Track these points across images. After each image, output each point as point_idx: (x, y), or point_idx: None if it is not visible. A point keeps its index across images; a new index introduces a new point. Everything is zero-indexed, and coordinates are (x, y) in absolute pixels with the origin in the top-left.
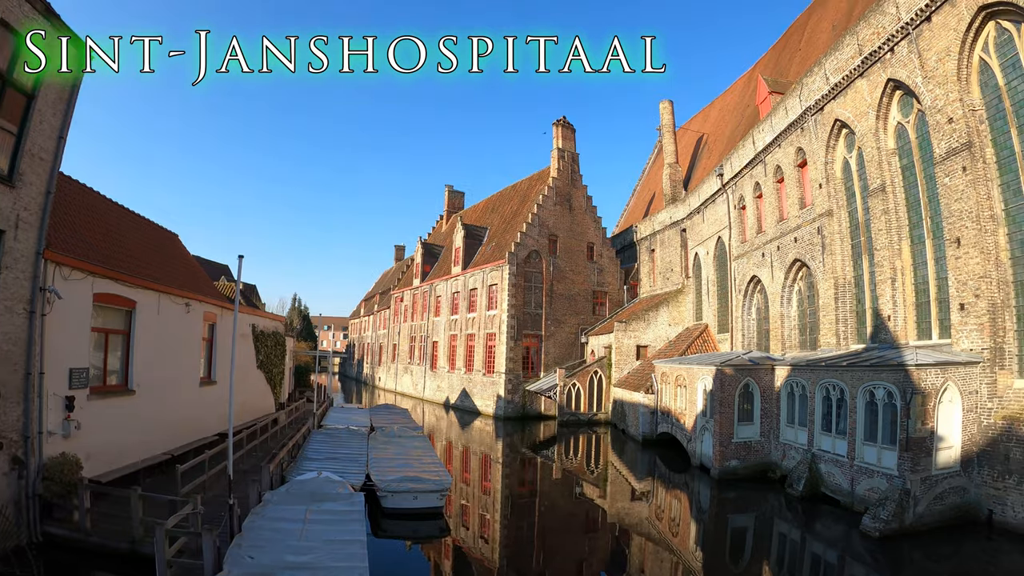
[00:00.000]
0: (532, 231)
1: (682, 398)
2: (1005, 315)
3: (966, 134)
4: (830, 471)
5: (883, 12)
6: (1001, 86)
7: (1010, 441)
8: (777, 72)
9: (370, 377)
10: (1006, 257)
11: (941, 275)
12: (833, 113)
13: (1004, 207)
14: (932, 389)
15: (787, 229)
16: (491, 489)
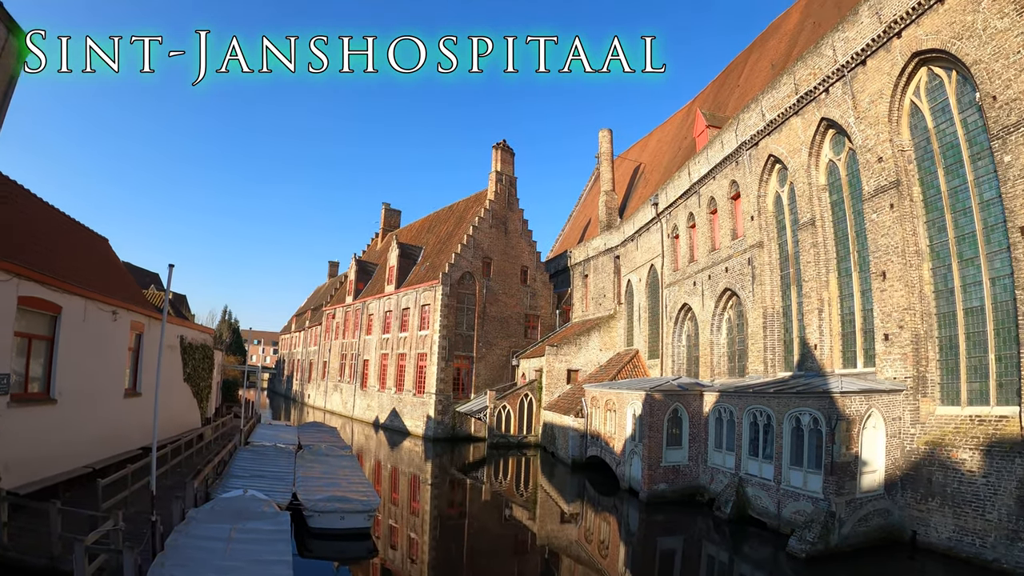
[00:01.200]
0: (467, 253)
1: (612, 422)
2: (928, 345)
3: (895, 173)
4: (757, 494)
5: (820, 54)
6: (930, 129)
7: (932, 465)
8: (716, 106)
9: (299, 394)
10: (930, 290)
11: (867, 306)
12: (768, 148)
13: (929, 243)
14: (856, 415)
15: (719, 259)
16: (420, 510)
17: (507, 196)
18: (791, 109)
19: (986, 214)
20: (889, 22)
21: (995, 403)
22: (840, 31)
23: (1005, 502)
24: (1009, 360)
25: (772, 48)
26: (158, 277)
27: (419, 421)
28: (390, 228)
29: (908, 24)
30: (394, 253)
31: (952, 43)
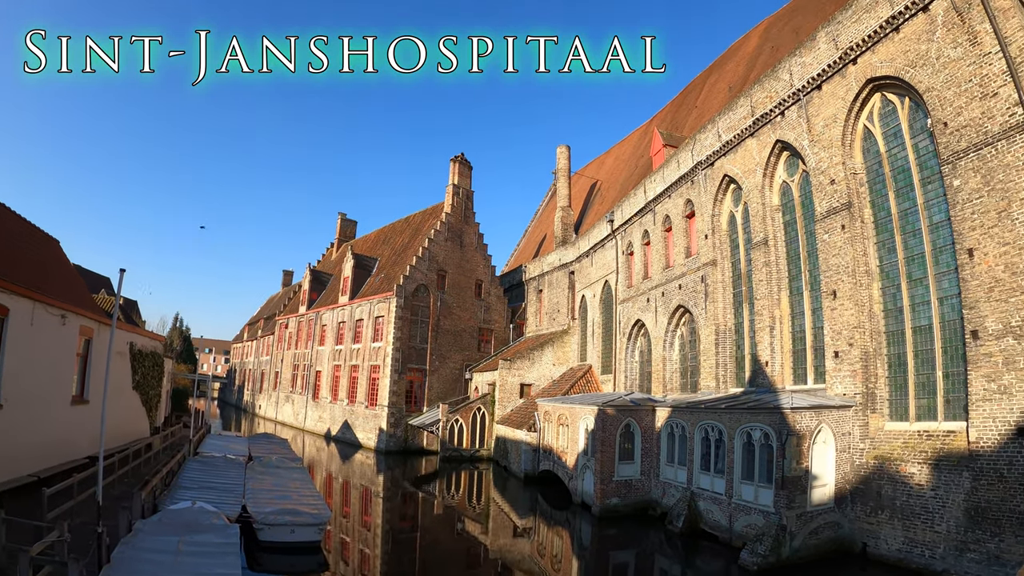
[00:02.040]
0: (422, 265)
1: (564, 436)
2: (877, 363)
3: (847, 195)
4: (709, 508)
5: (777, 78)
6: (882, 153)
7: (882, 479)
8: (673, 126)
9: (250, 404)
10: (879, 309)
11: (817, 324)
12: (723, 169)
13: (879, 263)
14: (807, 431)
15: (672, 276)
16: (371, 523)
17: (463, 209)
18: (747, 131)
19: (935, 236)
20: (845, 48)
21: (943, 418)
22: (797, 56)
23: (954, 514)
24: (956, 377)
25: (730, 71)
26: (109, 281)
27: (371, 434)
28: (346, 238)
29: (864, 51)
30: (349, 264)
31: (906, 71)
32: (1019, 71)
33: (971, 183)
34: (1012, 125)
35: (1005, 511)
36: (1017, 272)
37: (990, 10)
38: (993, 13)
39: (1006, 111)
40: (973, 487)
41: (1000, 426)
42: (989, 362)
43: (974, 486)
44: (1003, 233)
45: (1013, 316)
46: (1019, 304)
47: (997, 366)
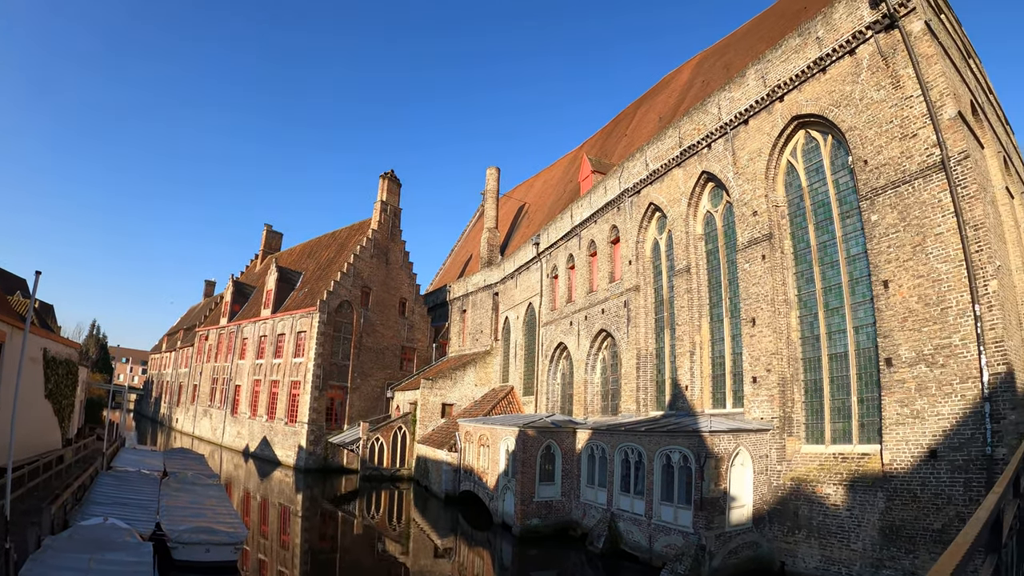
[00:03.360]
0: (346, 281)
1: (485, 457)
2: (794, 388)
3: (768, 226)
4: (629, 529)
5: (706, 111)
6: (804, 187)
7: (799, 500)
8: (602, 153)
9: (167, 418)
10: (796, 337)
11: (737, 350)
12: (649, 197)
13: (797, 293)
14: (725, 453)
15: (596, 300)
16: (290, 543)
17: (391, 226)
18: (674, 161)
19: (852, 268)
20: (773, 86)
21: (858, 441)
22: (727, 91)
23: (869, 533)
24: (871, 402)
25: (661, 102)
26: (26, 283)
27: (290, 451)
28: (271, 250)
29: (791, 89)
30: (273, 276)
31: (831, 110)
32: (938, 114)
33: (888, 218)
34: (929, 165)
35: (919, 529)
36: (930, 303)
37: (914, 56)
38: (917, 59)
39: (924, 151)
40: (888, 507)
41: (913, 449)
42: (902, 388)
43: (888, 506)
44: (917, 266)
45: (926, 345)
46: (931, 334)
47: (910, 392)
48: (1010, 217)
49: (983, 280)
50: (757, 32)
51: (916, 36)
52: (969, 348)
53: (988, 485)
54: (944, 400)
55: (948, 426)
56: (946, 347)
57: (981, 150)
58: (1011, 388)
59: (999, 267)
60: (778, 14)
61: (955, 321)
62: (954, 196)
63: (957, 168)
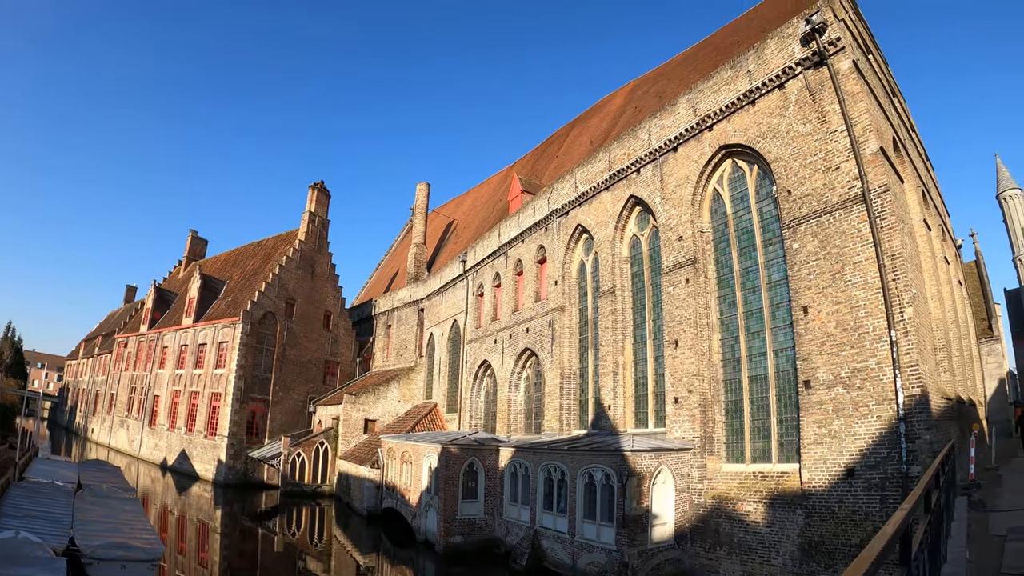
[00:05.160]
0: (271, 292)
1: (408, 474)
2: (715, 408)
3: (693, 251)
4: (552, 547)
5: (637, 137)
6: (729, 214)
7: (719, 517)
8: (533, 173)
9: (83, 427)
10: (718, 359)
11: (659, 371)
12: (577, 218)
13: (719, 316)
14: (647, 472)
15: (521, 319)
16: (208, 561)
17: (318, 238)
18: (603, 184)
19: (773, 293)
20: (704, 115)
21: (777, 460)
22: (658, 118)
23: (789, 548)
24: (789, 422)
25: (594, 125)
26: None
27: (210, 465)
28: (195, 257)
29: (720, 119)
30: (196, 284)
31: (757, 141)
32: (861, 149)
33: (809, 247)
34: (851, 197)
35: (837, 544)
36: (848, 328)
37: (840, 93)
38: (843, 96)
39: (846, 184)
40: (806, 523)
41: (831, 467)
42: (820, 409)
43: (807, 522)
44: (836, 293)
45: (843, 368)
46: (849, 357)
47: (828, 413)
48: (927, 248)
49: (899, 307)
50: (691, 63)
51: (843, 74)
52: (885, 371)
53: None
54: (861, 421)
55: (865, 446)
56: (863, 370)
57: (901, 184)
58: (925, 409)
59: (915, 295)
60: (712, 46)
61: (872, 346)
62: (873, 227)
63: (877, 201)
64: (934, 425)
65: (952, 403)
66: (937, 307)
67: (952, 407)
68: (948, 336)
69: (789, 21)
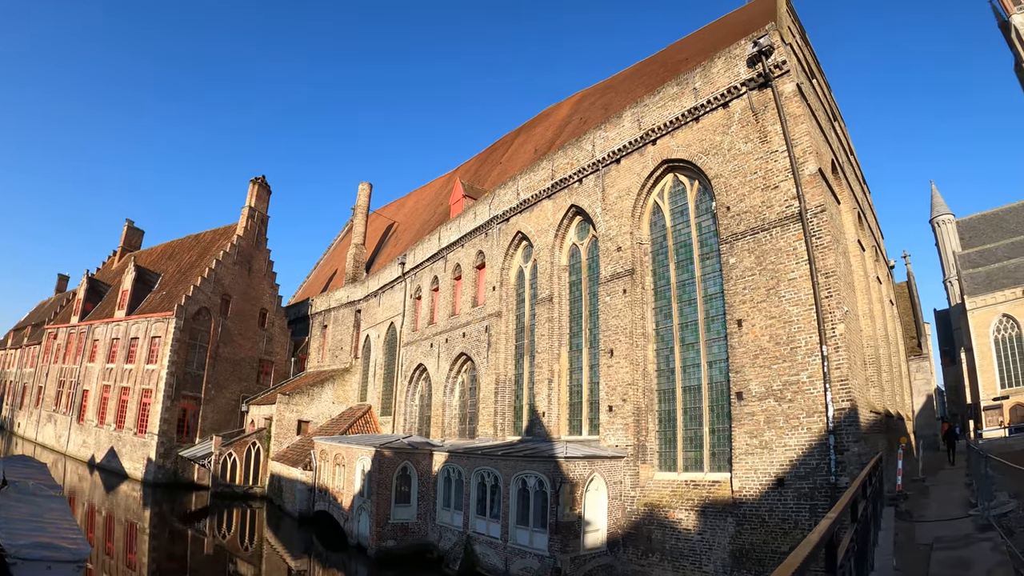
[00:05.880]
0: (206, 287)
1: (340, 477)
2: (648, 418)
3: (631, 262)
4: (485, 552)
5: (581, 147)
6: (668, 227)
7: (651, 524)
8: (476, 179)
9: (8, 422)
10: (652, 369)
11: (594, 380)
12: (517, 225)
13: (655, 327)
14: (580, 479)
15: (457, 324)
16: (136, 563)
17: (257, 234)
18: (545, 192)
19: (709, 306)
20: (648, 129)
21: (709, 469)
22: (602, 129)
23: (720, 555)
24: (721, 433)
25: (539, 134)
26: None
27: (139, 463)
28: (130, 248)
29: (664, 134)
30: (130, 276)
31: (700, 157)
32: (800, 170)
33: (745, 262)
34: (788, 215)
35: (767, 552)
36: (780, 343)
37: (783, 114)
38: (785, 117)
39: (784, 203)
40: (737, 531)
41: (761, 477)
42: (752, 420)
43: (738, 530)
44: (770, 308)
45: (775, 381)
46: (781, 371)
47: (759, 424)
48: (860, 268)
49: (831, 323)
50: (639, 77)
51: (787, 96)
52: (816, 385)
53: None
54: (791, 432)
55: (795, 456)
56: (794, 383)
57: (838, 205)
58: (854, 422)
59: (847, 312)
60: (660, 62)
61: (803, 360)
62: (809, 245)
63: (813, 220)
64: (863, 438)
65: (881, 417)
66: (868, 325)
67: (881, 421)
68: (878, 353)
69: (737, 42)
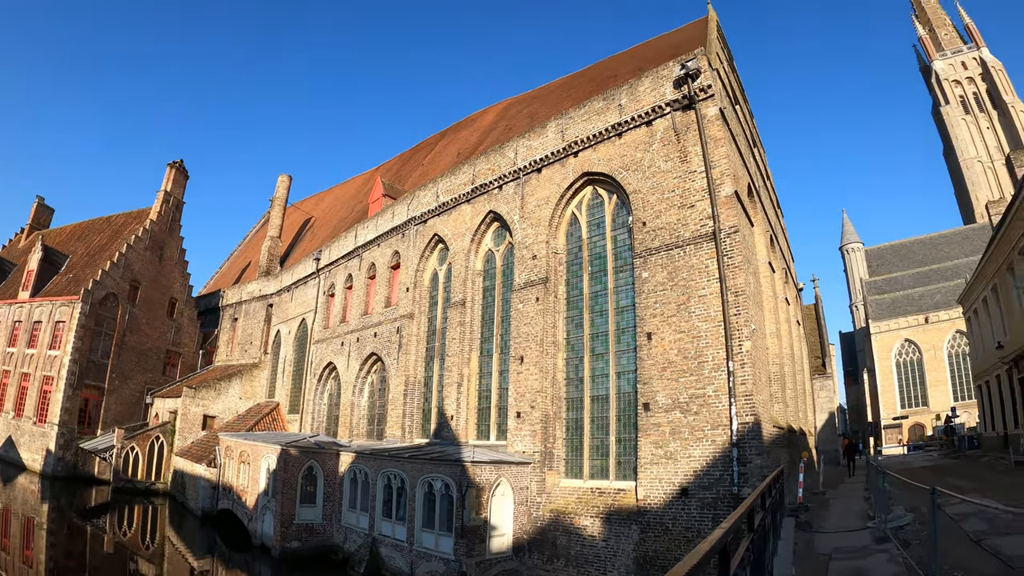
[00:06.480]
0: (116, 272)
1: (245, 475)
2: (556, 425)
3: (545, 271)
4: (391, 555)
5: (503, 154)
6: (584, 238)
7: (557, 530)
8: (397, 178)
9: None
10: (562, 377)
11: (503, 385)
12: (435, 228)
13: (566, 336)
14: (487, 483)
15: (369, 323)
16: (33, 560)
17: (171, 220)
18: (464, 196)
19: (620, 318)
20: (571, 141)
21: (615, 478)
22: (526, 138)
23: (624, 562)
24: (628, 442)
25: (463, 138)
26: None
27: (38, 455)
28: (39, 226)
29: (586, 147)
30: (36, 256)
31: (620, 172)
32: (717, 191)
33: (658, 277)
34: (701, 234)
35: (671, 560)
36: (688, 357)
37: (704, 137)
38: (706, 140)
39: (699, 222)
40: (641, 538)
41: (666, 487)
42: (658, 431)
43: (642, 538)
44: (680, 323)
45: (681, 393)
46: (688, 384)
47: (665, 435)
48: (770, 288)
49: (739, 340)
50: (567, 90)
51: (709, 119)
52: (721, 399)
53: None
54: (696, 444)
55: (699, 467)
56: (700, 397)
57: (751, 227)
58: (758, 436)
59: (754, 330)
60: (589, 77)
61: (710, 374)
62: (720, 264)
63: (727, 240)
64: (765, 451)
65: (784, 432)
66: (775, 343)
67: (783, 435)
68: (783, 370)
69: (666, 63)
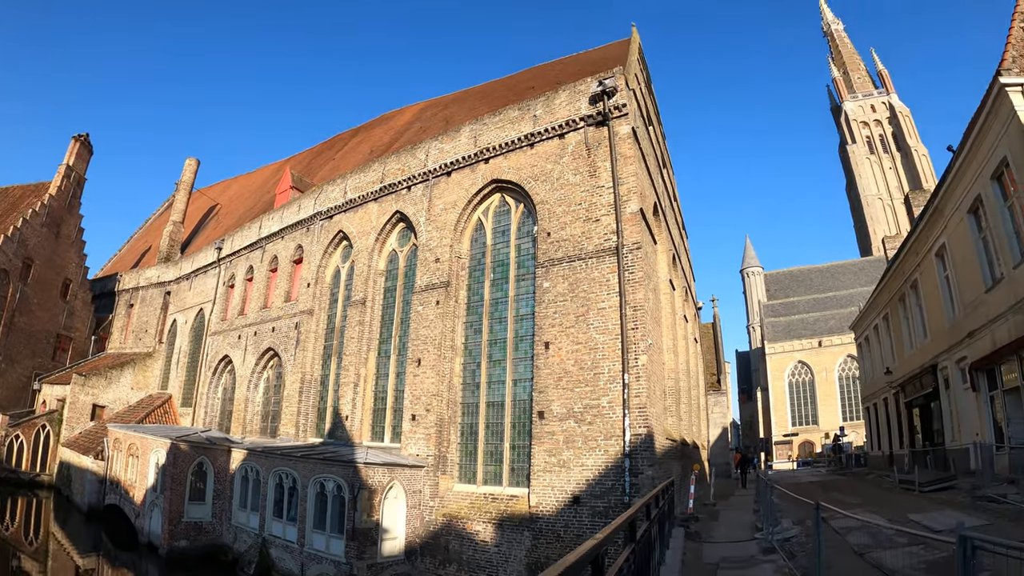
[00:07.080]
0: (8, 247)
1: (134, 469)
2: (451, 429)
3: (447, 275)
4: (281, 556)
5: (414, 155)
6: (488, 245)
7: (450, 535)
8: (307, 172)
9: None
10: (458, 382)
11: (400, 388)
12: (340, 224)
13: (464, 341)
14: (379, 486)
15: (268, 317)
16: None
17: (71, 196)
18: (372, 195)
19: (519, 326)
20: (483, 148)
21: (508, 484)
22: (439, 141)
23: (516, 568)
24: (522, 449)
25: (377, 136)
26: None
27: None
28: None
29: (498, 155)
30: None
31: (529, 181)
32: (622, 207)
33: (559, 287)
34: (604, 248)
35: None
36: (585, 368)
37: (614, 153)
38: (616, 157)
39: (603, 236)
40: (534, 544)
41: (558, 494)
42: (552, 439)
43: (534, 544)
44: (578, 334)
45: (576, 403)
46: (583, 394)
47: (559, 443)
48: (669, 305)
49: (635, 354)
50: (484, 96)
51: (621, 137)
52: (615, 410)
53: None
54: (589, 453)
55: (591, 476)
56: (595, 407)
57: (654, 245)
58: (650, 448)
59: (651, 345)
60: (508, 86)
61: (605, 385)
62: (621, 279)
63: (629, 255)
64: (658, 462)
65: (676, 444)
66: (672, 358)
67: (676, 448)
68: (679, 385)
69: (584, 79)
